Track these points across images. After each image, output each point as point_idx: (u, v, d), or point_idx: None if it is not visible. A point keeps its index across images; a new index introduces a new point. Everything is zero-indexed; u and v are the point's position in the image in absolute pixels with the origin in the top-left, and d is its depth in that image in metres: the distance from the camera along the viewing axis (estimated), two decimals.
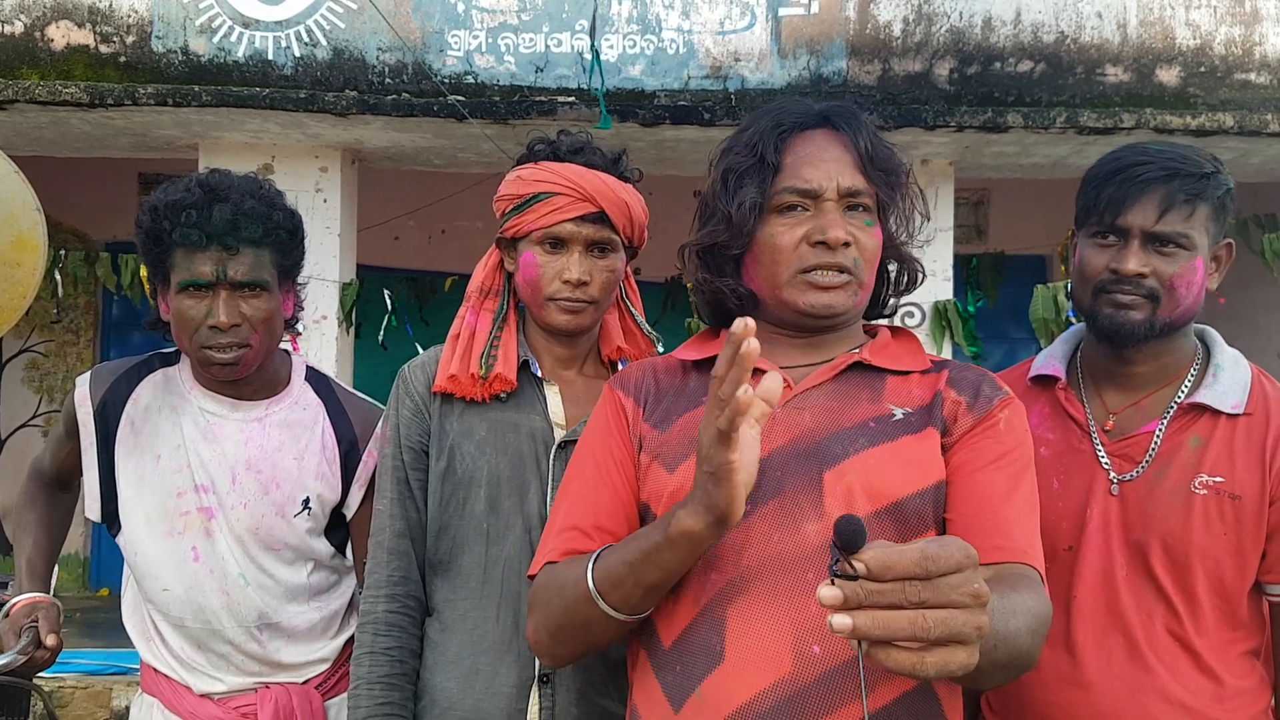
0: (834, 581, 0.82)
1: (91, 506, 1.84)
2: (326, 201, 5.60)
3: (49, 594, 1.94)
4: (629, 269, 1.77)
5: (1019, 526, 1.21)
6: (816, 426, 1.27)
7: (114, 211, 6.73)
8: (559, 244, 1.64)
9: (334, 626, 1.91)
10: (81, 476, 1.87)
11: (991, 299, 6.62)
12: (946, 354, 5.44)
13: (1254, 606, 1.60)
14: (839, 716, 1.14)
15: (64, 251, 5.75)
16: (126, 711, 3.32)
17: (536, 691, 1.56)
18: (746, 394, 0.95)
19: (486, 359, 1.65)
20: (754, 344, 0.95)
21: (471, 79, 5.15)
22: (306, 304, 1.96)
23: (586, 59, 5.03)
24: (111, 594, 6.96)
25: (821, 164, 1.31)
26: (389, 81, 5.13)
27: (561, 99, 5.09)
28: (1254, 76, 5.25)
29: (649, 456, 1.32)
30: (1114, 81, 5.22)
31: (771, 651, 1.16)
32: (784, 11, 5.18)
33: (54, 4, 5.13)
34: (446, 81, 5.09)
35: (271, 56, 5.12)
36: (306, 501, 1.84)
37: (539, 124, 4.99)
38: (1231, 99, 5.21)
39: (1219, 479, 1.55)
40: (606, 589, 1.17)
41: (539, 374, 1.68)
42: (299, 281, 1.90)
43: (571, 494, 1.34)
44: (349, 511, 1.90)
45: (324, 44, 5.13)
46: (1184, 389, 1.62)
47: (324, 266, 5.48)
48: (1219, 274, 1.64)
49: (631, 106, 5.08)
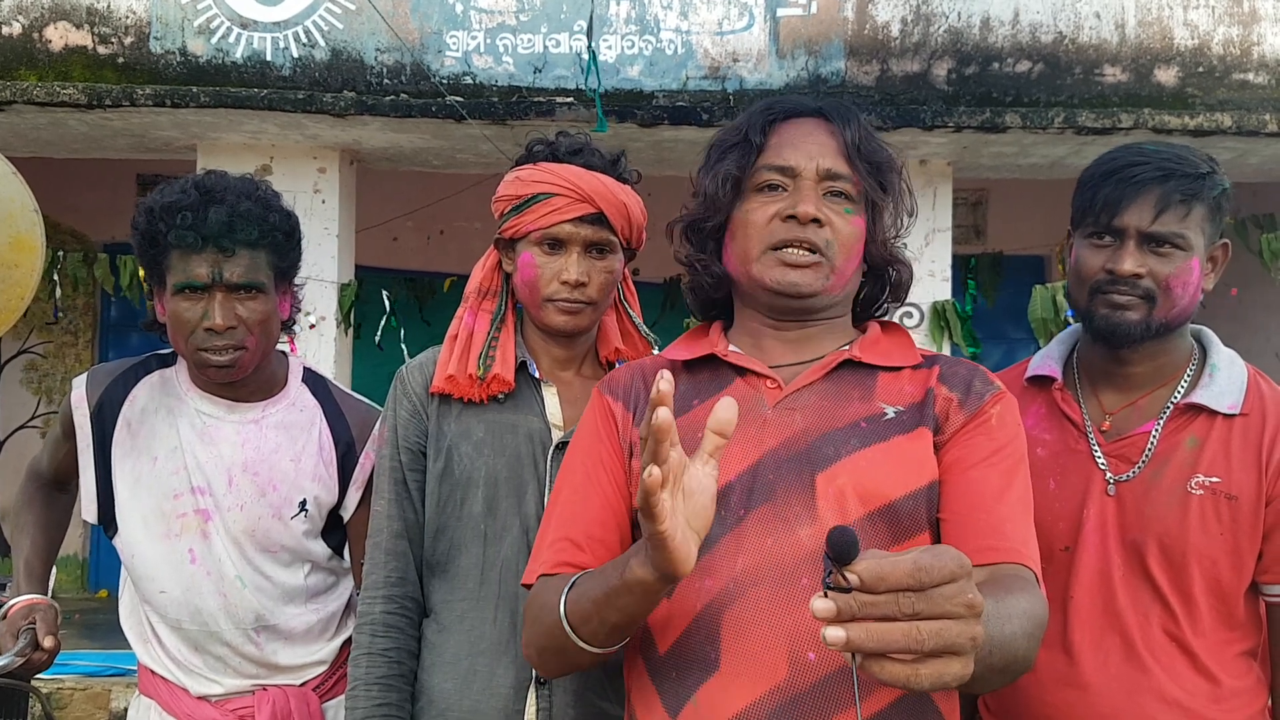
0: (827, 594, 0.81)
1: (88, 508, 1.84)
2: (325, 202, 5.60)
3: (47, 595, 1.94)
4: (627, 270, 1.77)
5: (1013, 525, 1.20)
6: (808, 428, 1.26)
7: (112, 212, 6.71)
8: (557, 245, 1.64)
9: (331, 628, 1.91)
10: (79, 478, 1.87)
11: (990, 299, 6.63)
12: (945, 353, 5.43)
13: (1250, 607, 1.60)
14: None
15: (62, 253, 5.76)
16: (124, 713, 3.31)
17: (534, 693, 1.56)
18: (653, 476, 0.92)
19: (484, 360, 1.65)
20: (664, 414, 0.92)
21: (470, 80, 5.15)
22: (305, 304, 1.96)
23: (585, 60, 5.02)
24: (110, 596, 6.94)
25: (804, 145, 1.31)
26: (387, 82, 5.13)
27: (560, 100, 5.09)
28: (1252, 76, 5.24)
29: (640, 463, 1.31)
30: (1112, 82, 5.22)
31: (766, 659, 1.15)
32: (782, 12, 5.18)
33: (52, 5, 5.12)
34: (445, 82, 5.09)
35: (270, 57, 5.11)
36: (303, 503, 1.83)
37: (537, 125, 4.99)
38: (1230, 99, 5.21)
39: (1215, 479, 1.55)
40: (577, 623, 1.15)
41: (537, 375, 1.68)
42: (296, 283, 1.90)
43: (562, 502, 1.33)
44: (346, 513, 1.90)
45: (322, 45, 5.13)
46: (1180, 389, 1.62)
47: (322, 267, 5.48)
48: (1215, 274, 1.63)
49: (630, 107, 5.08)
